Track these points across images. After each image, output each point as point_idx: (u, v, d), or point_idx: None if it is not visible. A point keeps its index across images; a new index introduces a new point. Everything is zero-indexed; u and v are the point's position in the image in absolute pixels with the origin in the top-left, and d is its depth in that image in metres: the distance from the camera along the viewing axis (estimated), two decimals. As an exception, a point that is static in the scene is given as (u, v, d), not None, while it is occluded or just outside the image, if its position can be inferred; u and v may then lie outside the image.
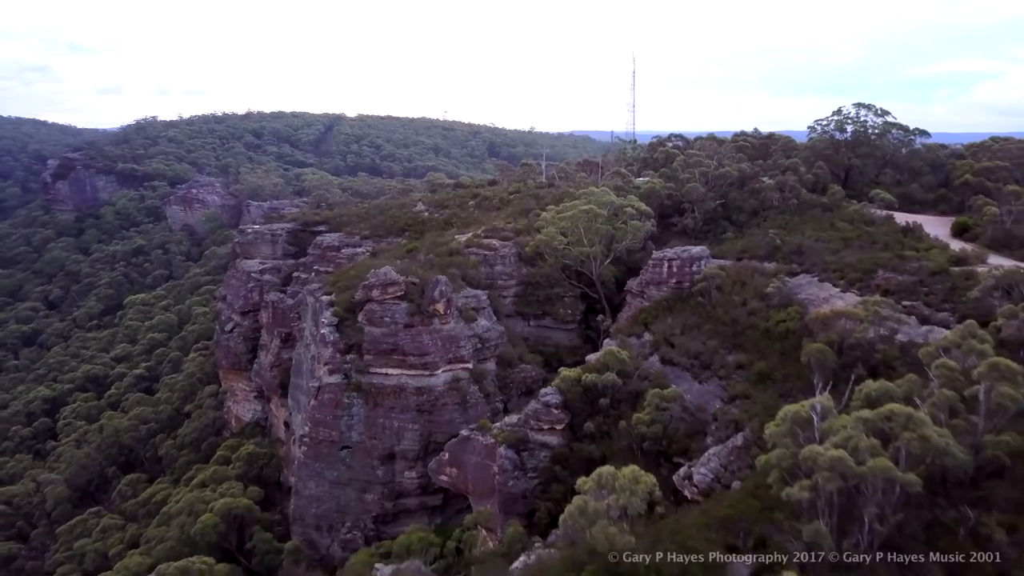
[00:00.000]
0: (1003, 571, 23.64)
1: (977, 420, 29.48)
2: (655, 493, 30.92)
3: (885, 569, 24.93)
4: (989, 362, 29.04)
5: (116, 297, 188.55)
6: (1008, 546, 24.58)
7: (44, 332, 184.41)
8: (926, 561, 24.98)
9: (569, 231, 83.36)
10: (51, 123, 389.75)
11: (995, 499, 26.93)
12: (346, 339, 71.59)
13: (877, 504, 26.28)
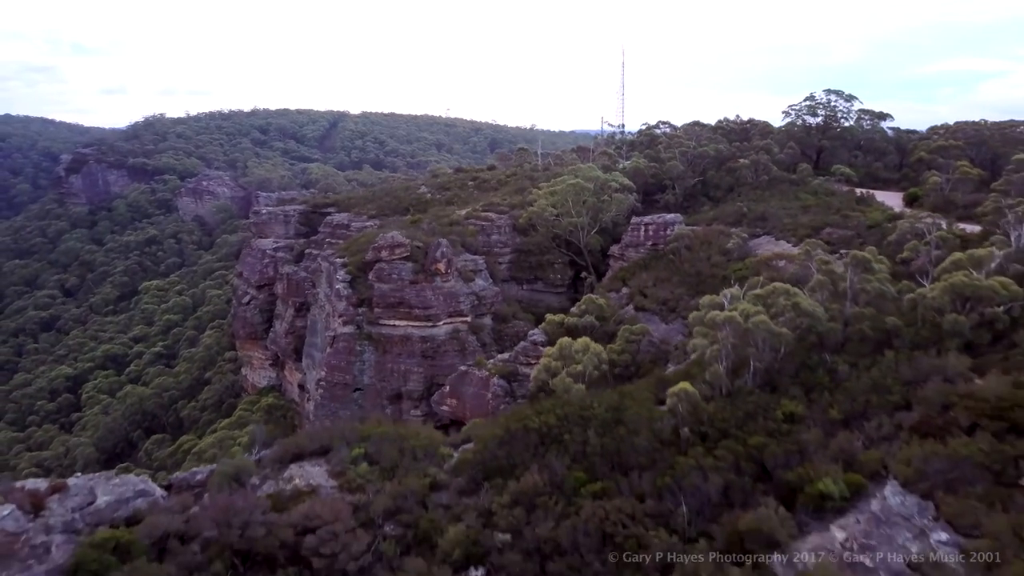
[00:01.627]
0: (842, 388, 33.82)
1: (847, 302, 39.83)
2: (603, 363, 41.37)
3: (760, 394, 35.18)
4: (854, 254, 39.43)
5: (131, 284, 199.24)
6: (846, 373, 34.86)
7: (62, 318, 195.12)
8: (790, 388, 35.25)
9: (559, 204, 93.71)
10: (59, 121, 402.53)
11: (850, 351, 37.19)
12: (358, 294, 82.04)
13: (760, 353, 36.65)
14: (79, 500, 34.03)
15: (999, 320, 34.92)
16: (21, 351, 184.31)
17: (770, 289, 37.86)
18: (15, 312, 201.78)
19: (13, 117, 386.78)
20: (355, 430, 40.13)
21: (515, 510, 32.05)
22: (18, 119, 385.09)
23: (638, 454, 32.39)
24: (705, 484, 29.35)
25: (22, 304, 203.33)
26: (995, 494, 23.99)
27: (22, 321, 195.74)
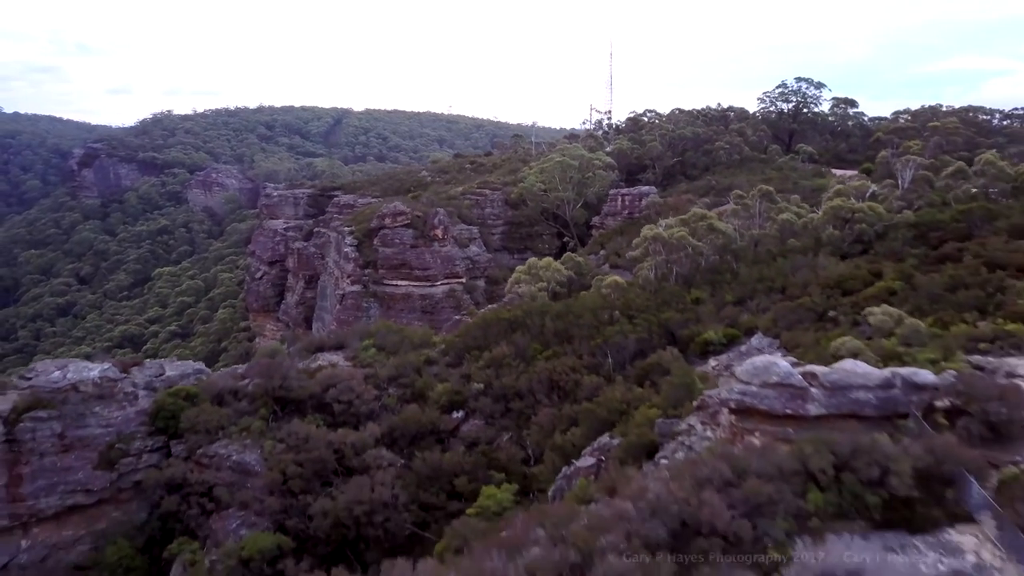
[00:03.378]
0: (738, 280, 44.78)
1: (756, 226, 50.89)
2: (563, 279, 52.50)
3: (678, 288, 46.14)
4: (760, 189, 50.50)
5: (144, 271, 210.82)
6: (745, 272, 45.81)
7: (78, 303, 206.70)
8: (701, 284, 46.16)
9: (547, 180, 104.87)
10: (66, 120, 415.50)
11: (755, 259, 48.13)
12: (364, 257, 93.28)
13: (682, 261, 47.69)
14: (153, 371, 45.51)
15: (866, 234, 45.87)
16: (39, 335, 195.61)
17: (692, 215, 48.95)
18: (32, 299, 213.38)
19: (22, 115, 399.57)
20: (365, 330, 51.31)
21: (487, 370, 43.29)
22: (27, 117, 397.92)
23: (580, 329, 43.47)
24: (626, 342, 40.40)
25: (39, 291, 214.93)
26: (815, 326, 35.02)
27: (39, 307, 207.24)
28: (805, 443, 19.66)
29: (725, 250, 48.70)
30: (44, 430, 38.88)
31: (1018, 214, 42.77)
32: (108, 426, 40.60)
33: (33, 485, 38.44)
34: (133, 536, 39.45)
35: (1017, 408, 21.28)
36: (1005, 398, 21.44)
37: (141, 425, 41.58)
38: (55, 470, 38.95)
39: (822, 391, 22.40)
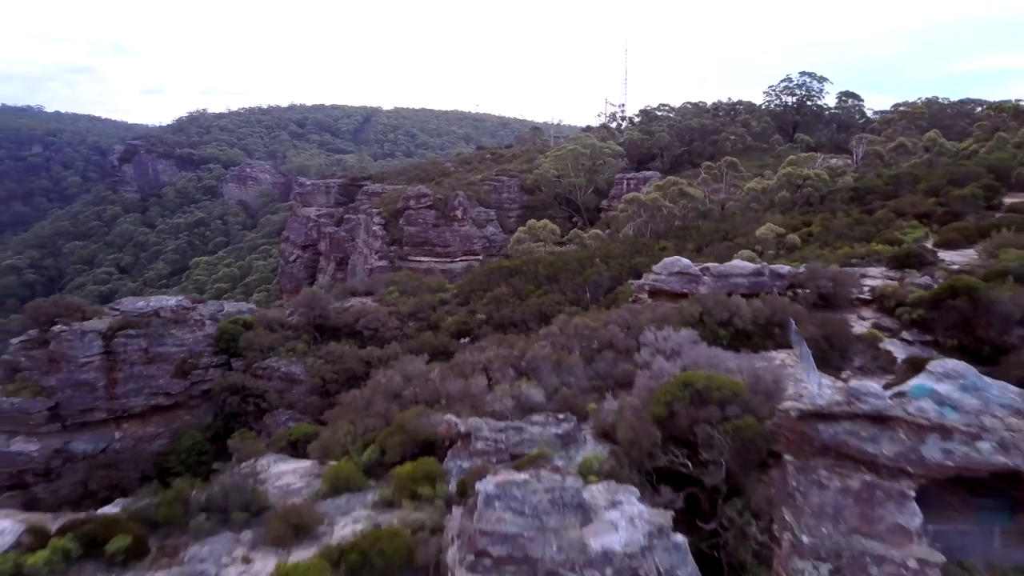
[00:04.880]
0: (699, 233, 54.17)
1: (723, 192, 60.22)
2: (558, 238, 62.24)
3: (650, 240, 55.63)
4: (726, 160, 59.79)
5: (181, 261, 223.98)
6: (707, 228, 55.20)
7: (119, 291, 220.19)
8: (671, 239, 55.67)
9: (560, 167, 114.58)
10: (105, 119, 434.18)
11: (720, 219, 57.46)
12: (391, 235, 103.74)
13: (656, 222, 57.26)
14: (214, 308, 56.11)
15: (813, 196, 55.06)
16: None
17: (666, 182, 58.42)
18: (75, 288, 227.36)
19: (63, 115, 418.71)
20: (391, 279, 61.51)
21: (489, 305, 53.19)
22: (67, 116, 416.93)
23: (567, 273, 53.20)
24: (601, 279, 50.08)
25: (82, 280, 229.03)
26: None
27: (83, 295, 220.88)
28: (685, 302, 29.29)
29: (694, 211, 58.07)
30: (133, 345, 49.51)
31: (936, 178, 51.66)
32: (182, 345, 51.15)
33: (124, 388, 49.07)
34: (202, 432, 49.89)
35: (842, 286, 30.71)
36: (834, 279, 30.90)
37: (208, 346, 52.12)
38: (141, 377, 49.55)
39: (711, 278, 31.93)
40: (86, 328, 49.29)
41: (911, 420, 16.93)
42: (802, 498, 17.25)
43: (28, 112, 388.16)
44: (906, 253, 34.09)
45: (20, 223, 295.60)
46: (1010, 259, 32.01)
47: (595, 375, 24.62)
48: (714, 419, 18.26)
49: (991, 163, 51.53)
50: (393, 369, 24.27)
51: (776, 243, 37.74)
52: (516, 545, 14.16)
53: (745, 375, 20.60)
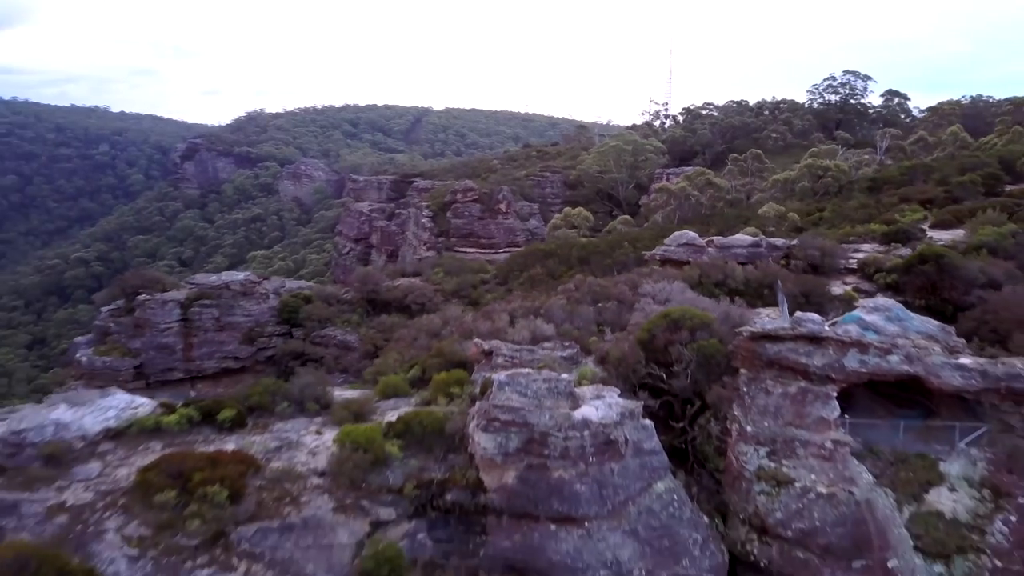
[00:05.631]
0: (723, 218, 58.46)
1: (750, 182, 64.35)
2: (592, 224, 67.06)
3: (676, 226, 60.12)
4: (752, 152, 63.87)
5: (239, 255, 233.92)
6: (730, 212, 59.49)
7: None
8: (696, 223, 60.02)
9: (602, 163, 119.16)
10: (166, 119, 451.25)
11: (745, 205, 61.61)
12: (439, 227, 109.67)
13: (684, 210, 61.66)
14: (277, 283, 62.36)
15: (832, 186, 58.94)
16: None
17: (695, 172, 62.83)
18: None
19: (127, 115, 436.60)
20: (436, 261, 67.08)
21: (525, 284, 58.29)
22: (131, 116, 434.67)
23: (597, 256, 58.03)
24: (628, 260, 54.77)
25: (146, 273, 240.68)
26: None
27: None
28: (688, 267, 34.07)
29: (721, 200, 62.36)
30: (206, 314, 55.91)
31: (948, 169, 55.19)
32: (249, 315, 57.41)
33: (199, 351, 55.47)
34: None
35: (830, 255, 35.12)
36: (822, 250, 35.31)
37: (272, 316, 58.30)
38: (214, 342, 55.90)
39: (715, 248, 36.64)
40: (166, 298, 55.89)
41: (838, 339, 21.64)
42: (750, 400, 22.08)
43: (96, 112, 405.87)
44: (895, 231, 38.24)
45: (87, 218, 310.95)
46: (986, 234, 35.98)
47: (601, 320, 29.60)
48: (684, 341, 23.14)
49: (1002, 154, 54.81)
50: (435, 314, 29.53)
51: (777, 221, 42.07)
52: (519, 415, 19.31)
53: (717, 313, 25.36)
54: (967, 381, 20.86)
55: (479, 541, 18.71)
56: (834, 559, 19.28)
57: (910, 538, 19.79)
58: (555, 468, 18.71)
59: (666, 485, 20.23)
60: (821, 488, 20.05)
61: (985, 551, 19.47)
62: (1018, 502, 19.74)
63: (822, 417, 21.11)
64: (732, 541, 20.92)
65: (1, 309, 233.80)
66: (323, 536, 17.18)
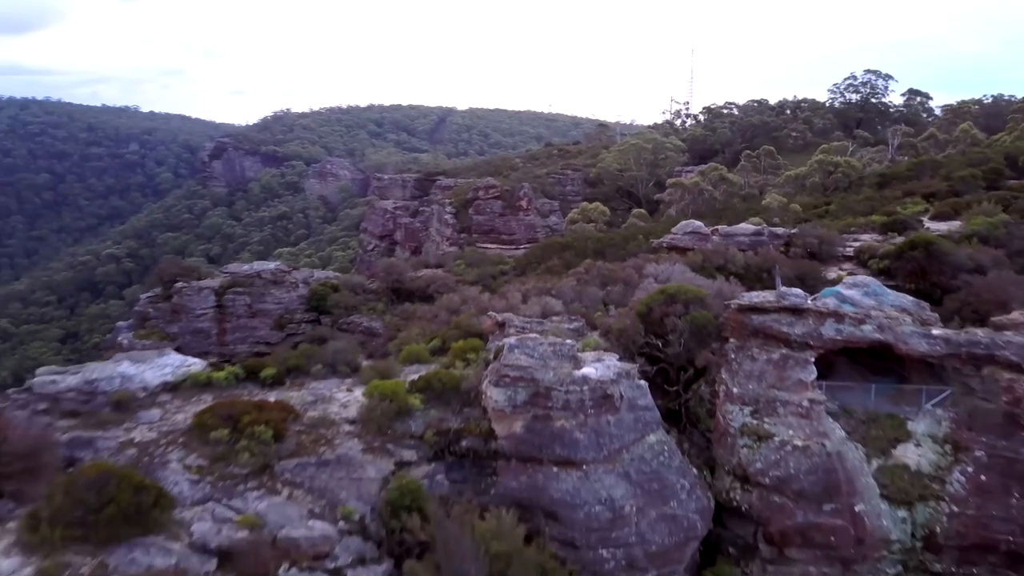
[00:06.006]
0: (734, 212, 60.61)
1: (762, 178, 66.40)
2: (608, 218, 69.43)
3: (693, 223, 62.39)
4: (764, 148, 65.88)
5: (265, 252, 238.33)
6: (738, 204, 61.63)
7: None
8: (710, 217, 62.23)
9: (622, 161, 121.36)
10: (194, 118, 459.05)
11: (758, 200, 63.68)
12: (461, 223, 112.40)
13: (699, 205, 63.90)
14: (306, 273, 65.35)
15: (842, 181, 60.88)
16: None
17: (708, 167, 64.99)
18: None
19: (157, 114, 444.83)
20: (458, 253, 69.79)
21: (544, 274, 60.80)
22: (161, 116, 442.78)
23: (612, 248, 60.42)
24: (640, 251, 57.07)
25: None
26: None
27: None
28: (691, 253, 36.46)
29: (734, 195, 64.50)
30: (239, 301, 59.02)
31: (955, 165, 56.96)
32: (279, 303, 60.45)
33: (232, 336, 58.59)
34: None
35: (827, 243, 37.34)
36: (820, 238, 37.53)
37: (301, 304, 61.29)
38: (246, 328, 59.00)
39: (718, 237, 38.98)
40: (202, 286, 59.11)
41: (817, 310, 24.06)
42: (737, 365, 24.55)
43: (126, 112, 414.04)
44: (893, 221, 40.34)
45: (117, 216, 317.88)
46: (978, 224, 38.00)
47: (608, 300, 32.10)
48: (679, 313, 25.62)
49: (1008, 150, 56.46)
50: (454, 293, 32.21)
51: (781, 212, 44.20)
52: (526, 372, 21.91)
53: (712, 290, 27.80)
54: (932, 347, 23.14)
55: (490, 481, 21.31)
56: (806, 502, 21.68)
57: (877, 487, 22.12)
58: (558, 418, 21.25)
59: (657, 437, 22.72)
60: (797, 441, 22.46)
61: (944, 499, 21.76)
62: (975, 455, 21.99)
63: (801, 380, 23.50)
64: (718, 490, 23.39)
65: (35, 304, 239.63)
66: (354, 471, 19.86)
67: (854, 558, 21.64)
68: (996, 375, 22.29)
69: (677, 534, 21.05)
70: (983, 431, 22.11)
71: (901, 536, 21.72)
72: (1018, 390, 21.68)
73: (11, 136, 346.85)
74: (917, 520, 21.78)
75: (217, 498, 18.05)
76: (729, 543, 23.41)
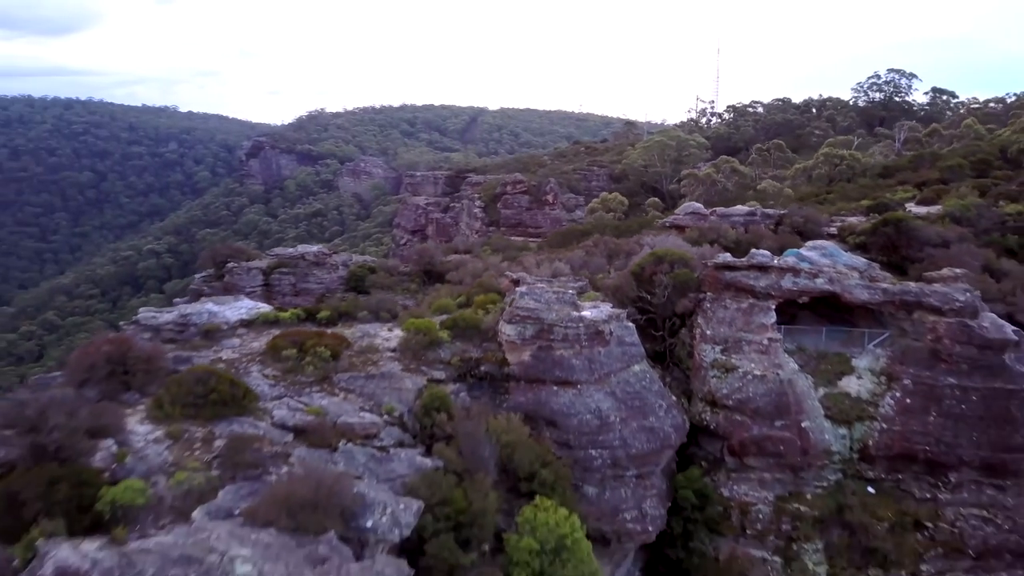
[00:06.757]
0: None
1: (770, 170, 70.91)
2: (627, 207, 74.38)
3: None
4: (775, 142, 70.38)
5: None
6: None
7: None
8: (721, 208, 66.96)
9: (647, 157, 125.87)
10: (231, 118, 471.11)
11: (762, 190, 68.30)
12: (489, 217, 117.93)
13: (711, 195, 68.66)
14: (345, 257, 71.06)
15: (846, 173, 65.20)
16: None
17: (720, 159, 69.62)
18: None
19: (195, 114, 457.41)
20: (486, 240, 75.14)
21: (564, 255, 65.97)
22: (199, 116, 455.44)
23: (628, 233, 65.37)
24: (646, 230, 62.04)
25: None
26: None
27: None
28: (689, 230, 41.45)
29: (747, 187, 69.06)
30: (284, 280, 64.94)
31: (952, 158, 61.11)
32: (321, 283, 66.28)
33: (279, 313, 64.46)
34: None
35: (812, 222, 42.06)
36: (805, 217, 42.28)
37: (341, 284, 67.06)
38: (291, 305, 64.38)
39: (716, 217, 43.85)
40: (251, 266, 65.15)
41: (778, 267, 29.04)
42: (712, 313, 29.60)
43: (165, 112, 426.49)
44: (877, 204, 44.92)
45: (156, 214, 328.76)
46: (951, 206, 42.49)
47: (611, 267, 37.21)
48: (665, 271, 30.69)
49: (1003, 144, 60.48)
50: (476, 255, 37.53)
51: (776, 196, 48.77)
52: (534, 313, 27.12)
53: (696, 254, 32.86)
54: (872, 296, 28.00)
55: (503, 398, 26.58)
56: (761, 419, 26.68)
57: (822, 409, 27.05)
58: (558, 349, 26.45)
59: (641, 368, 27.85)
60: (757, 371, 27.46)
61: (877, 419, 26.63)
62: (903, 383, 26.81)
63: (763, 323, 28.48)
64: (693, 414, 28.46)
65: (79, 297, 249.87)
66: (395, 383, 25.23)
67: (801, 466, 26.57)
68: (923, 318, 27.09)
69: (654, 442, 26.13)
70: (911, 364, 26.92)
71: (841, 449, 26.61)
72: (939, 329, 26.46)
73: (56, 135, 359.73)
74: (854, 436, 26.66)
75: (290, 396, 23.52)
76: (702, 459, 28.46)
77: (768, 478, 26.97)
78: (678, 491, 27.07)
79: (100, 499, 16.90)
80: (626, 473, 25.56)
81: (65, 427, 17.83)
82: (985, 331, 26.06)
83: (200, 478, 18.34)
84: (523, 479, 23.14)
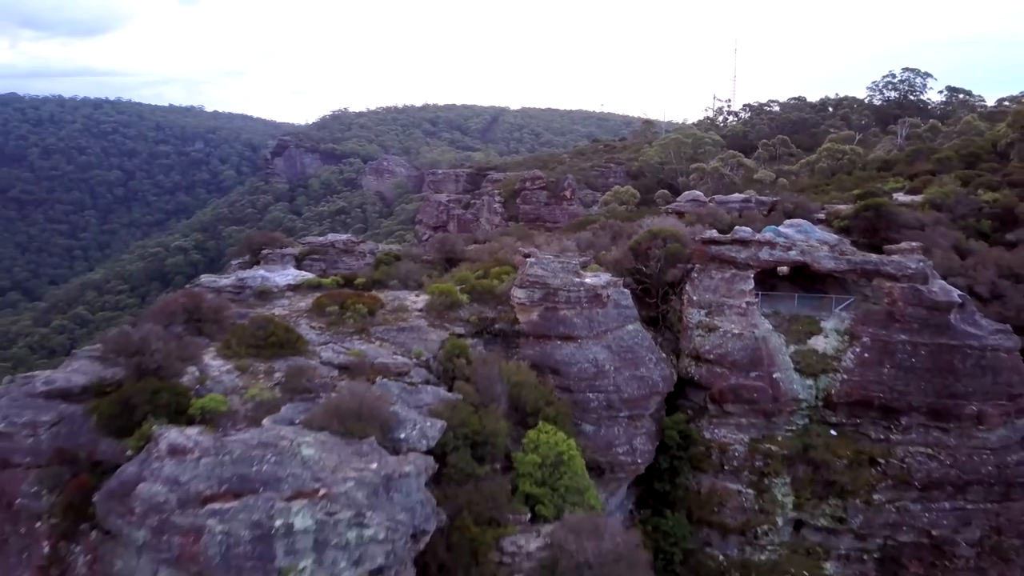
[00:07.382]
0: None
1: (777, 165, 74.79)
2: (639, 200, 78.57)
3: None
4: (779, 137, 74.29)
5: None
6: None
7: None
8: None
9: (663, 154, 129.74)
10: (256, 118, 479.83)
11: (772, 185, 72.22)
12: (508, 212, 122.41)
13: (720, 187, 72.71)
14: (372, 245, 75.83)
15: (847, 166, 68.97)
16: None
17: (728, 154, 73.60)
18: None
19: (220, 114, 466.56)
20: (504, 230, 79.63)
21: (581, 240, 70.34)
22: (224, 115, 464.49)
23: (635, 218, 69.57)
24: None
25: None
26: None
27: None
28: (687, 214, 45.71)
29: (750, 180, 73.01)
30: (315, 266, 69.44)
31: (947, 152, 64.78)
32: (349, 269, 70.80)
33: (310, 296, 69.44)
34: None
35: (802, 207, 46.18)
36: (795, 203, 46.38)
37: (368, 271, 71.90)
38: (321, 290, 69.80)
39: (714, 203, 48.07)
40: (284, 253, 70.02)
41: (757, 241, 33.28)
42: (699, 282, 33.93)
43: (192, 112, 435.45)
44: (864, 193, 48.90)
45: (183, 211, 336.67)
46: (932, 193, 46.43)
47: (614, 246, 41.58)
48: (658, 246, 35.05)
49: (995, 138, 64.05)
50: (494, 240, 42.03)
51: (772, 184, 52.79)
52: (540, 279, 31.63)
53: (688, 232, 37.18)
54: (837, 265, 32.20)
55: (514, 351, 31.09)
56: (737, 370, 30.96)
57: (792, 363, 31.28)
58: (562, 309, 30.89)
59: (634, 327, 32.25)
60: (735, 330, 31.74)
61: (839, 371, 30.80)
62: (863, 341, 30.98)
63: (742, 289, 32.75)
64: (681, 369, 32.78)
65: (109, 292, 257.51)
66: (423, 335, 29.82)
67: (772, 412, 30.82)
68: (880, 284, 31.24)
69: (644, 389, 30.51)
70: (870, 324, 31.10)
71: (807, 397, 30.82)
72: (894, 293, 30.62)
73: (85, 135, 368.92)
74: (819, 386, 30.86)
75: (334, 342, 28.17)
76: (688, 407, 32.81)
77: (744, 422, 31.22)
78: (665, 432, 31.42)
79: (192, 406, 21.61)
80: (619, 414, 29.95)
81: (162, 351, 22.58)
82: (934, 294, 30.14)
83: (267, 394, 23.03)
84: (530, 414, 27.59)
